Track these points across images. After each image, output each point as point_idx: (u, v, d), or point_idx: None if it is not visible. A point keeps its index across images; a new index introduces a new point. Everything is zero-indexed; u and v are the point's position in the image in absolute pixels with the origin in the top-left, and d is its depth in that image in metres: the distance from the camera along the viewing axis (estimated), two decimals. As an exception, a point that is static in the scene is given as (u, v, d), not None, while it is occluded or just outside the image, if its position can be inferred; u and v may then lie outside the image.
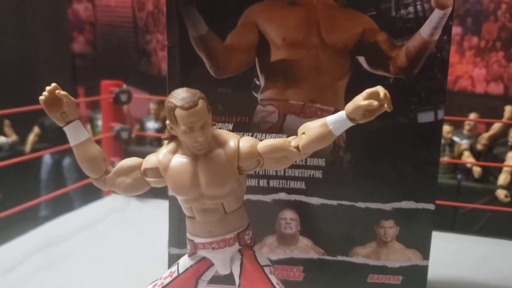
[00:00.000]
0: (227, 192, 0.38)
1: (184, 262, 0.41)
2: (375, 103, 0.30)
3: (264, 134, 0.50)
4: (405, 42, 0.48)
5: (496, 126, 1.50)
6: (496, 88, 0.93)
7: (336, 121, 0.33)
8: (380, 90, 0.30)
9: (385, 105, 0.30)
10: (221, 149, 0.37)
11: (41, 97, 0.35)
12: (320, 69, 0.49)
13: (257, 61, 0.49)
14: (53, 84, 0.35)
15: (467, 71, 0.94)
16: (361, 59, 0.49)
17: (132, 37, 1.66)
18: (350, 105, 0.31)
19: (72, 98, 0.36)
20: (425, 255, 0.53)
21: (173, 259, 0.51)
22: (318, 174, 0.51)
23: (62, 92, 0.35)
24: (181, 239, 0.47)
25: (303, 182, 0.52)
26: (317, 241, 0.53)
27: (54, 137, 1.59)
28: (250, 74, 0.50)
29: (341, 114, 0.33)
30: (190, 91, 0.35)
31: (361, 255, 0.53)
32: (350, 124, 0.33)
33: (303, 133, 0.35)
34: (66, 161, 1.74)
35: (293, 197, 0.52)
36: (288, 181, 0.52)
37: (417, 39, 0.48)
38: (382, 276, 0.54)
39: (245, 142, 0.37)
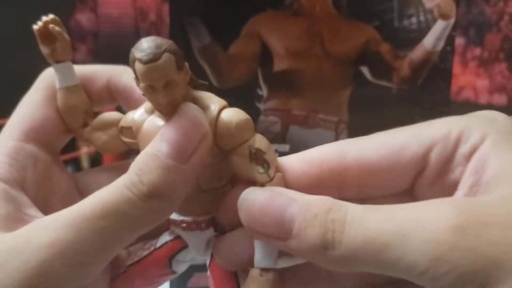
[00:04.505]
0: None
1: (164, 236, 0.35)
2: None
3: (266, 145, 0.50)
4: (408, 52, 0.48)
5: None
6: (500, 99, 0.92)
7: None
8: None
9: None
10: None
11: (35, 26, 0.31)
12: (323, 79, 0.49)
13: (259, 71, 0.49)
14: (51, 16, 0.31)
15: (470, 82, 0.93)
16: (365, 69, 0.49)
17: (135, 47, 1.67)
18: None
19: (67, 38, 0.32)
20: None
21: (174, 271, 0.50)
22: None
23: (57, 29, 0.31)
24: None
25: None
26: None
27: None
28: (253, 84, 0.49)
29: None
30: (156, 41, 0.27)
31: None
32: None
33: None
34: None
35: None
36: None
37: (420, 50, 0.48)
38: None
39: (230, 116, 0.27)
